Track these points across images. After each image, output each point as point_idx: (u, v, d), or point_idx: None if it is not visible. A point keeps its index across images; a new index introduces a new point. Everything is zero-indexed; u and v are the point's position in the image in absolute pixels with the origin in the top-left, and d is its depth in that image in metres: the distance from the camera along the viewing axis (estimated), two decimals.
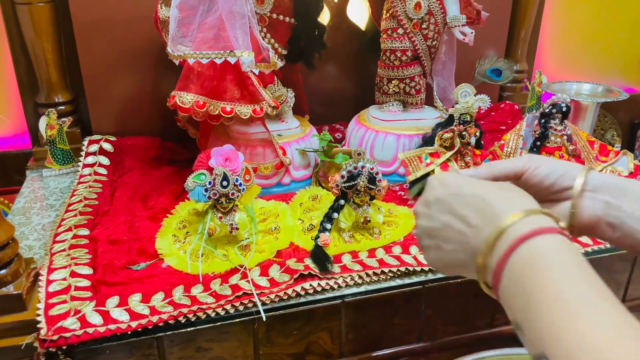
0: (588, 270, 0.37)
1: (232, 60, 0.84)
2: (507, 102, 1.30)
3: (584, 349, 0.32)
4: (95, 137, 1.04)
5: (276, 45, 0.96)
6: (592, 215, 0.49)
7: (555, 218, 0.41)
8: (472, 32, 0.98)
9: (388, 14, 0.99)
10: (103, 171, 0.98)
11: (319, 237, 0.77)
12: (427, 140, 0.95)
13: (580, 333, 0.33)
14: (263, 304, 0.67)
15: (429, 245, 0.49)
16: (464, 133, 0.89)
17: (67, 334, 0.60)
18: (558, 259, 0.37)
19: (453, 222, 0.45)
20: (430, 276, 0.74)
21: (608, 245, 0.81)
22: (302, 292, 0.70)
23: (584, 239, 0.81)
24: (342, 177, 0.78)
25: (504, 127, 1.22)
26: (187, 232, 0.80)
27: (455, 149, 0.90)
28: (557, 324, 0.34)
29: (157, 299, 0.66)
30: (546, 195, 0.51)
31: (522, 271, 0.38)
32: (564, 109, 0.95)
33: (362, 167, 0.77)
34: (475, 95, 0.90)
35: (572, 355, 0.33)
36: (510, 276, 0.39)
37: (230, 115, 0.88)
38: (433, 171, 0.90)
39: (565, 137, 0.97)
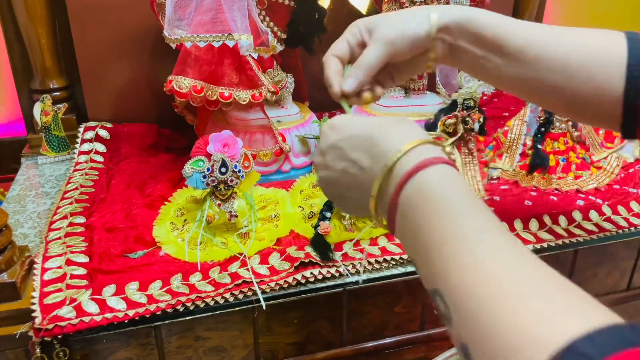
0: (472, 199, 0.37)
1: (230, 44, 0.82)
2: None
3: (476, 282, 0.32)
4: (91, 123, 1.02)
5: (275, 28, 0.94)
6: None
7: (438, 143, 0.41)
8: None
9: None
10: (99, 158, 0.96)
11: (319, 225, 0.76)
12: (430, 127, 0.93)
13: (469, 266, 0.33)
14: (263, 292, 0.66)
15: (333, 195, 0.49)
16: (467, 119, 0.87)
17: (63, 323, 0.58)
18: (444, 191, 0.37)
19: (348, 167, 0.45)
20: None
21: (613, 233, 0.79)
22: (303, 281, 0.68)
23: (589, 225, 0.80)
24: None
25: (506, 114, 1.20)
26: (185, 220, 0.78)
27: (459, 134, 0.88)
28: (446, 258, 0.34)
29: (155, 288, 0.64)
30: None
31: (411, 208, 0.38)
32: None
33: None
34: (479, 80, 0.88)
35: (464, 288, 0.32)
36: (401, 214, 0.39)
37: (228, 101, 0.86)
38: None
39: (570, 123, 0.96)
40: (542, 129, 0.95)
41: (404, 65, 0.60)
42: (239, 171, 0.73)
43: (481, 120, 0.88)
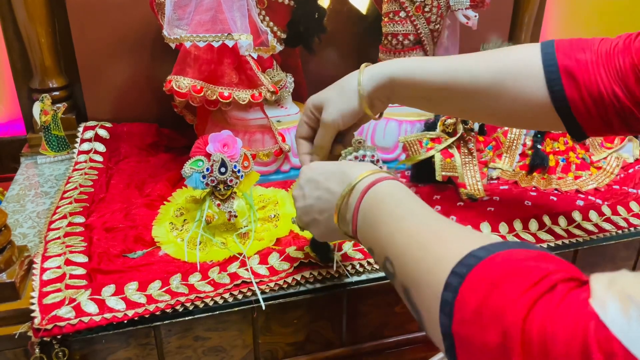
0: (412, 197, 0.50)
1: (230, 44, 0.82)
2: None
3: (411, 240, 0.45)
4: (91, 123, 1.02)
5: (275, 28, 0.94)
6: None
7: (388, 172, 0.54)
8: (475, 16, 0.95)
9: None
10: (99, 158, 0.96)
11: None
12: (430, 127, 0.93)
13: (406, 231, 0.46)
14: (262, 292, 0.66)
15: (308, 222, 0.59)
16: None
17: (62, 323, 0.58)
18: (391, 192, 0.51)
19: (322, 194, 0.57)
20: None
21: (613, 233, 0.79)
22: (302, 281, 0.68)
23: (588, 225, 0.80)
24: None
25: None
26: (185, 220, 0.78)
27: (458, 134, 0.88)
28: (391, 231, 0.47)
29: (154, 288, 0.64)
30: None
31: (368, 209, 0.51)
32: None
33: (363, 156, 0.75)
34: None
35: (403, 247, 0.45)
36: (361, 215, 0.51)
37: (228, 101, 0.86)
38: (433, 156, 0.88)
39: None
40: None
41: (359, 122, 0.70)
42: (239, 171, 0.73)
43: None
